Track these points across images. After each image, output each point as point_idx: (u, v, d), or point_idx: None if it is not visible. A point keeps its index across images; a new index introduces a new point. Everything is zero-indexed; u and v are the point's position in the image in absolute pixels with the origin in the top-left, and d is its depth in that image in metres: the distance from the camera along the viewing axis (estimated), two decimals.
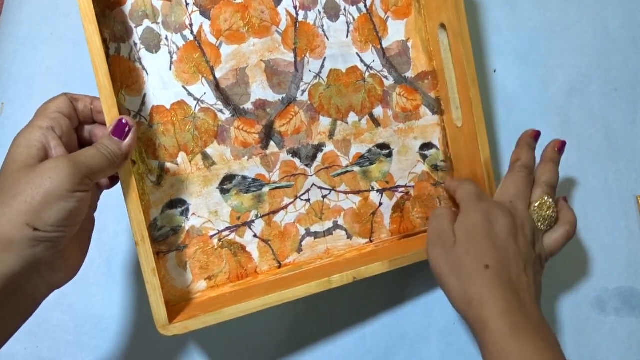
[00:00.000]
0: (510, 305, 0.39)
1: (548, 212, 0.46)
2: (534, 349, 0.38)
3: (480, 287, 0.40)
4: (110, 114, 0.40)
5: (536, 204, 0.46)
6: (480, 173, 0.51)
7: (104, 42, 0.45)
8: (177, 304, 0.48)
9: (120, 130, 0.40)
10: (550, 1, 0.61)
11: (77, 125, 0.41)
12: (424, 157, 0.55)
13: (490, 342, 0.39)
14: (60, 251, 0.36)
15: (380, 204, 0.54)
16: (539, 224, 0.46)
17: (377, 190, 0.54)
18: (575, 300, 0.56)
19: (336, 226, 0.52)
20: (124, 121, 0.40)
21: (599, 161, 0.60)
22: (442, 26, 0.52)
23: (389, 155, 0.54)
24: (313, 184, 0.52)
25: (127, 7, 0.46)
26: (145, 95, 0.46)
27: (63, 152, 0.37)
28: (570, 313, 0.57)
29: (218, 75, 0.48)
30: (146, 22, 0.46)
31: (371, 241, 0.54)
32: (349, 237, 0.53)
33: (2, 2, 0.54)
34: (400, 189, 0.55)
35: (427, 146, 0.55)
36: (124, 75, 0.46)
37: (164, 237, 0.47)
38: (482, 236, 0.42)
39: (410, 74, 0.55)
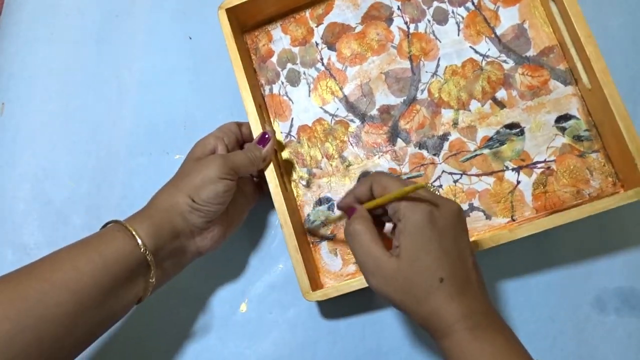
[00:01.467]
0: (467, 310, 0.39)
1: None
2: (495, 346, 0.39)
3: (439, 302, 0.39)
4: (256, 132, 0.54)
5: None
6: (619, 131, 0.48)
7: (261, 86, 0.60)
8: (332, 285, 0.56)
9: (263, 140, 0.53)
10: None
11: (242, 142, 0.56)
12: (563, 129, 0.54)
13: (453, 350, 0.39)
14: (208, 222, 0.49)
15: (518, 182, 0.54)
16: None
17: (513, 169, 0.54)
18: (575, 300, 0.54)
19: (472, 208, 0.54)
20: (266, 135, 0.53)
21: None
22: None
23: (521, 133, 0.54)
24: (443, 171, 0.55)
25: (275, 57, 0.60)
26: (292, 119, 0.59)
27: (224, 153, 0.52)
28: (570, 313, 0.53)
29: (346, 92, 0.58)
30: (289, 65, 0.60)
31: (513, 220, 0.53)
32: (488, 217, 0.54)
33: (2, 2, 0.56)
34: (540, 165, 0.54)
35: (564, 118, 0.54)
36: (277, 107, 0.60)
37: (317, 229, 0.57)
38: (429, 247, 0.40)
39: (531, 53, 0.55)
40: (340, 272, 0.56)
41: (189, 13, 0.65)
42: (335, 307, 0.57)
